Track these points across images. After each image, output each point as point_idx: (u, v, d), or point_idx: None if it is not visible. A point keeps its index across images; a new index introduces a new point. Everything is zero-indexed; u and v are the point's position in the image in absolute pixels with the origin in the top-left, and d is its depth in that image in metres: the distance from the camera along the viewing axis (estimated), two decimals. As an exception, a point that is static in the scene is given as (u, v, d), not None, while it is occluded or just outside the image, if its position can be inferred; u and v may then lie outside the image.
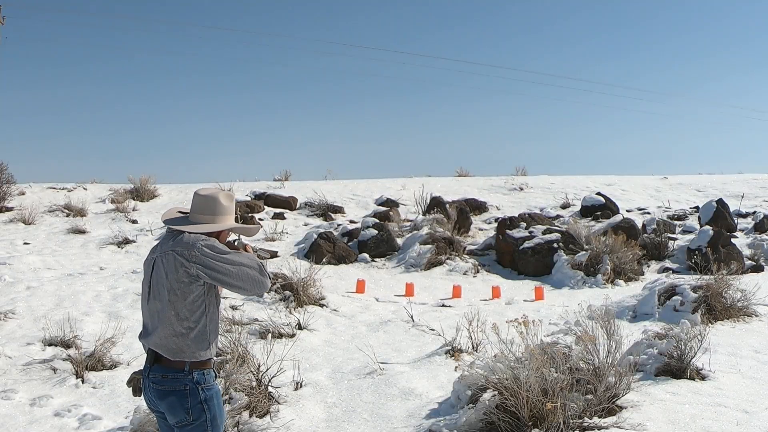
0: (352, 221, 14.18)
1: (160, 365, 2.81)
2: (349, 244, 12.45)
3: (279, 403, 5.11)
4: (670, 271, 11.03)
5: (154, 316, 2.85)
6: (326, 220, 14.66)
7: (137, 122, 63.91)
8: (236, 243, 3.09)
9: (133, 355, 6.19)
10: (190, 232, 2.88)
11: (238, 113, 70.66)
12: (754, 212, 15.00)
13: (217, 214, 2.97)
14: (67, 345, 6.39)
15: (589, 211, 15.10)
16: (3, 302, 7.97)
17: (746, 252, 11.70)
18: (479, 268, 11.62)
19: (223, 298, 5.84)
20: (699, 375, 5.27)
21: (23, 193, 15.76)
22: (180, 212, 3.08)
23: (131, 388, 2.94)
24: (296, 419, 4.89)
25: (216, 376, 2.93)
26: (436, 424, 4.57)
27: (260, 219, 14.30)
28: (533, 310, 8.49)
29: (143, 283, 2.97)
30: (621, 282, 10.52)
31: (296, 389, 5.51)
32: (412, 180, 19.65)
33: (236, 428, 4.55)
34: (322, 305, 8.64)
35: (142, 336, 2.92)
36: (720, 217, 13.64)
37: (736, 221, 14.26)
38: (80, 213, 14.43)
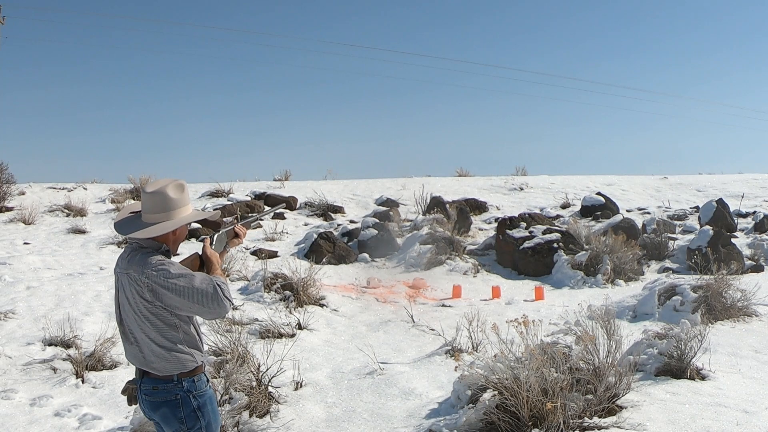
0: (352, 221, 14.18)
1: (149, 377, 2.73)
2: (349, 244, 12.45)
3: (279, 403, 5.12)
4: (670, 271, 11.03)
5: (128, 337, 2.75)
6: (326, 220, 14.65)
7: (137, 122, 63.92)
8: (216, 238, 2.94)
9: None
10: (141, 241, 2.71)
11: (238, 113, 70.72)
12: (754, 212, 14.99)
13: (169, 210, 2.75)
14: (67, 345, 6.40)
15: (589, 211, 15.10)
16: (3, 302, 7.96)
17: (746, 252, 11.71)
18: (479, 268, 11.62)
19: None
20: (699, 375, 5.27)
21: (23, 193, 15.74)
22: (132, 212, 2.86)
23: (126, 397, 2.89)
24: (296, 419, 4.89)
25: (208, 380, 2.85)
26: (436, 424, 4.57)
27: (260, 219, 14.31)
28: (533, 310, 8.49)
29: (114, 301, 2.84)
30: (621, 282, 10.52)
31: (296, 389, 5.51)
32: (412, 180, 19.62)
33: (236, 428, 4.55)
34: (322, 305, 8.64)
35: (126, 354, 2.83)
36: (720, 217, 13.64)
37: (736, 221, 14.26)
38: (80, 213, 14.41)
